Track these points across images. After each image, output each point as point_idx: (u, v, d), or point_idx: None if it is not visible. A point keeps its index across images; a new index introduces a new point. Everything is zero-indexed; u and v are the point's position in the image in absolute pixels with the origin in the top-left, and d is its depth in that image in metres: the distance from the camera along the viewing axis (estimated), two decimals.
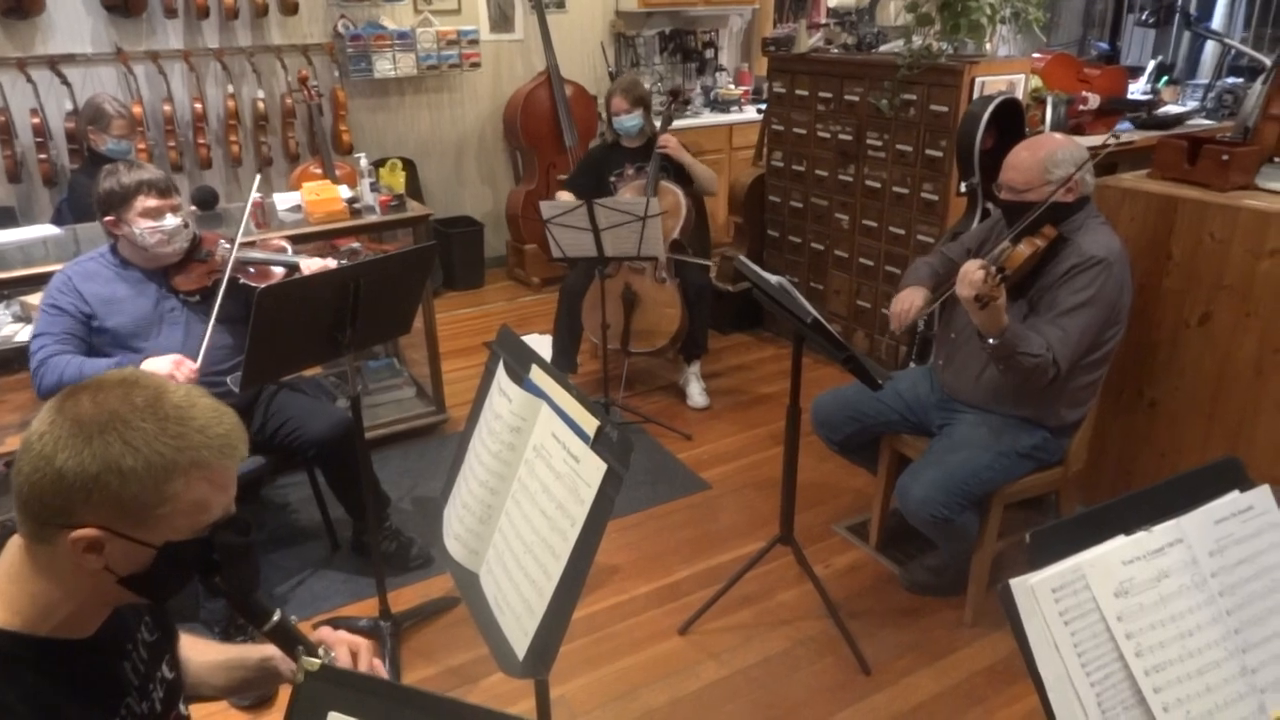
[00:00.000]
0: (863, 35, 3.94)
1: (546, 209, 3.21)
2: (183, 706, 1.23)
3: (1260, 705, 1.06)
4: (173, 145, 4.34)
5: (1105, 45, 5.75)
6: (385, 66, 4.78)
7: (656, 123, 3.74)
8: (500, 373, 1.58)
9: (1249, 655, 1.07)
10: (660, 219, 3.18)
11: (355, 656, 1.15)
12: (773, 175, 4.35)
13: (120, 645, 1.12)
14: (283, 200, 3.50)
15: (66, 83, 4.11)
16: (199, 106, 4.38)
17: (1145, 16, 5.63)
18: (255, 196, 2.69)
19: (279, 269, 2.56)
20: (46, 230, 3.27)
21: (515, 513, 1.45)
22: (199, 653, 1.32)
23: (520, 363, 1.53)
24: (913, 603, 2.58)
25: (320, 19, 4.71)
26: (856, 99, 3.80)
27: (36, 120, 4.07)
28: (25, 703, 0.96)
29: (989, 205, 3.14)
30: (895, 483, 2.44)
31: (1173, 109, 4.69)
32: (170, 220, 2.36)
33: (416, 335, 3.14)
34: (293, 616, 1.97)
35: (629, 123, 3.66)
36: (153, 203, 2.33)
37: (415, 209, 3.41)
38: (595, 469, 1.30)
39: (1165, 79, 5.10)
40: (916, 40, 3.48)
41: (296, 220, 3.27)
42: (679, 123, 5.02)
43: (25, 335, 2.74)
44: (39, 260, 2.85)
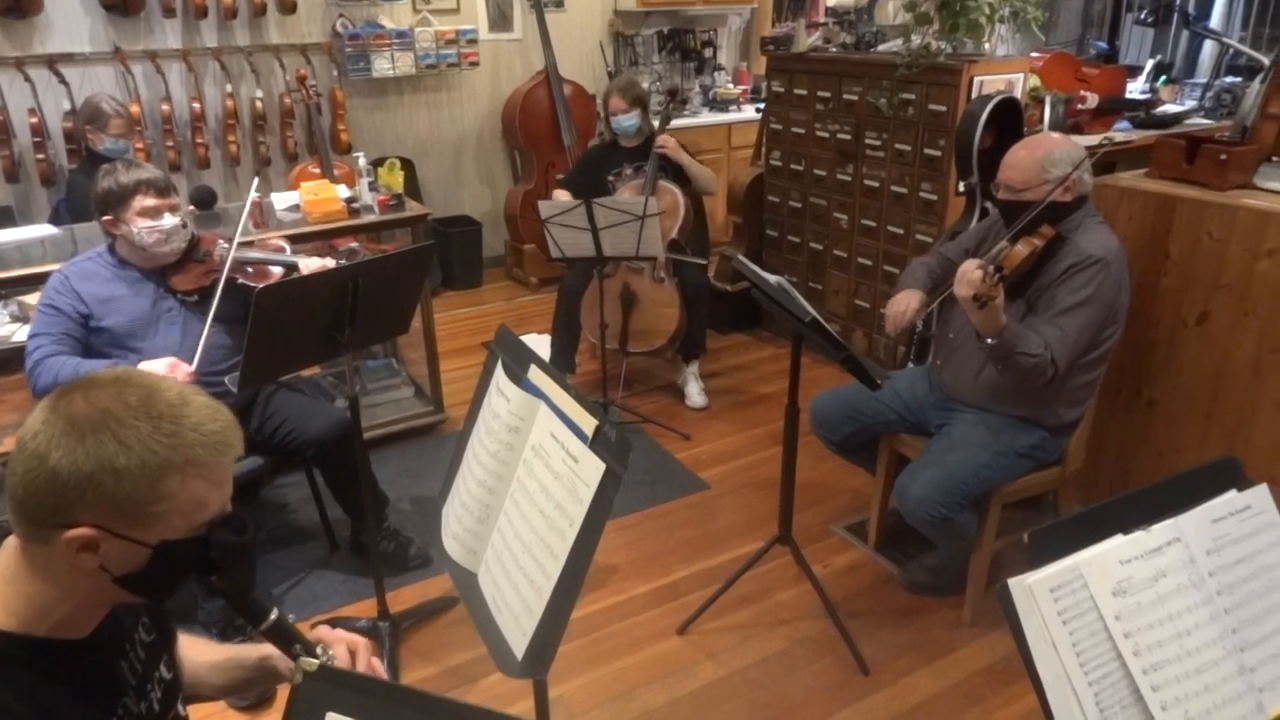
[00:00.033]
0: (861, 34, 3.95)
1: (545, 208, 3.21)
2: (181, 706, 1.23)
3: (1258, 704, 1.06)
4: (171, 145, 4.33)
5: (1104, 44, 5.75)
6: (384, 66, 4.78)
7: (655, 122, 3.74)
8: (499, 372, 1.58)
9: (1247, 654, 1.07)
10: (658, 218, 3.18)
11: (354, 656, 1.15)
12: (771, 175, 4.34)
13: (118, 645, 1.11)
14: (281, 200, 3.50)
15: (64, 82, 4.11)
16: (197, 106, 4.38)
17: (1144, 16, 5.64)
18: (253, 196, 2.68)
19: (277, 269, 2.56)
20: (44, 230, 3.27)
21: (514, 512, 1.45)
22: (197, 653, 1.31)
23: (519, 362, 1.53)
24: (911, 602, 2.58)
25: (319, 18, 4.71)
26: (855, 98, 3.79)
27: (34, 120, 4.06)
28: (22, 703, 0.96)
29: (987, 205, 3.14)
30: (894, 482, 2.45)
31: (1171, 108, 4.69)
32: (168, 220, 2.36)
33: (415, 335, 3.14)
34: (291, 616, 1.95)
35: (627, 122, 3.66)
36: (151, 202, 2.33)
37: (414, 209, 3.41)
38: (594, 469, 1.29)
39: (1163, 78, 5.09)
40: (915, 39, 3.48)
41: (295, 220, 3.27)
42: (677, 122, 5.02)
43: (23, 335, 2.73)
44: (37, 260, 2.85)
